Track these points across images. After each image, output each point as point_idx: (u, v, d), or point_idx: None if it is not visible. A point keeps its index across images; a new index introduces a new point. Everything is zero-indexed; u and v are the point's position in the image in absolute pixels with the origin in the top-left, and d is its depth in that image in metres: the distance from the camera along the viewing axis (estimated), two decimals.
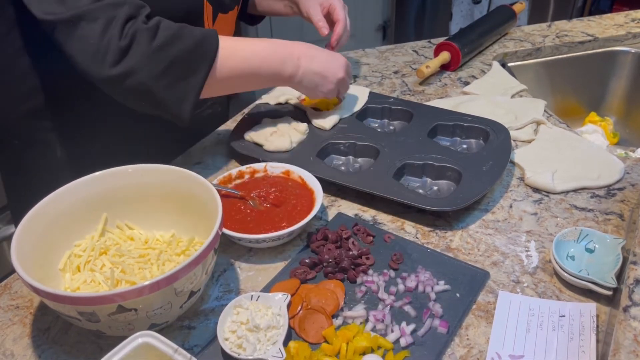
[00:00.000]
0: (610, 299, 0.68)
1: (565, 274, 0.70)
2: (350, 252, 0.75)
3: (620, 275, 0.68)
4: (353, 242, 0.77)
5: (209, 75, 0.81)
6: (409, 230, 0.82)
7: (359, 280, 0.72)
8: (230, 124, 1.12)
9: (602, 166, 0.92)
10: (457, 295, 0.70)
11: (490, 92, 1.18)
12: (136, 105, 0.82)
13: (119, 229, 0.77)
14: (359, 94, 1.13)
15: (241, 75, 0.86)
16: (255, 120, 1.05)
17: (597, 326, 0.65)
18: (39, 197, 0.69)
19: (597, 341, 0.63)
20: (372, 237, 0.79)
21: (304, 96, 1.15)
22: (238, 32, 1.00)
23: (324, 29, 1.09)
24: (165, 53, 0.78)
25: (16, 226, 0.66)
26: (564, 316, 0.67)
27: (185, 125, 0.83)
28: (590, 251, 0.74)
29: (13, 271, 0.62)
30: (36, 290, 0.58)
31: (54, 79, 0.90)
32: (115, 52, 0.75)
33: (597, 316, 0.66)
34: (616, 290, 0.67)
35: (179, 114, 0.81)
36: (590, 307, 0.67)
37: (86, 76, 0.78)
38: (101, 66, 0.75)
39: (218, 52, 0.82)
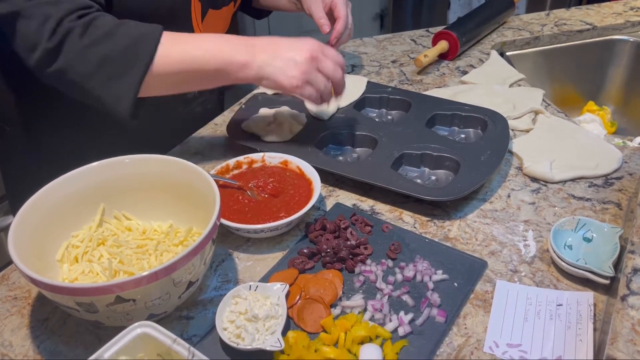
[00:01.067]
0: (607, 288, 0.69)
1: (563, 263, 0.70)
2: (349, 242, 0.75)
3: (617, 265, 0.68)
4: (351, 232, 0.77)
5: (145, 75, 0.76)
6: (407, 220, 0.82)
7: (357, 270, 0.73)
8: (227, 114, 1.12)
9: (600, 155, 0.92)
10: (455, 284, 0.70)
11: (488, 82, 1.17)
12: (82, 100, 0.81)
13: (117, 220, 0.77)
14: (357, 83, 1.12)
15: (185, 70, 0.79)
16: (253, 110, 1.04)
17: (595, 315, 0.65)
18: (34, 189, 0.69)
19: (595, 330, 0.63)
20: (370, 227, 0.79)
21: None
22: (235, 29, 0.98)
23: (325, 26, 1.08)
24: (95, 51, 0.75)
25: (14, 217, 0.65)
26: (561, 305, 0.67)
27: (132, 125, 0.80)
28: (588, 240, 0.74)
29: (11, 262, 0.62)
30: (34, 281, 0.58)
31: (9, 87, 0.90)
32: (44, 53, 0.74)
33: (595, 305, 0.67)
34: (613, 279, 0.67)
35: (118, 113, 0.78)
36: (588, 296, 0.68)
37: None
38: (36, 65, 0.76)
39: (156, 50, 0.77)
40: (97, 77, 0.76)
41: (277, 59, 0.80)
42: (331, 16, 1.10)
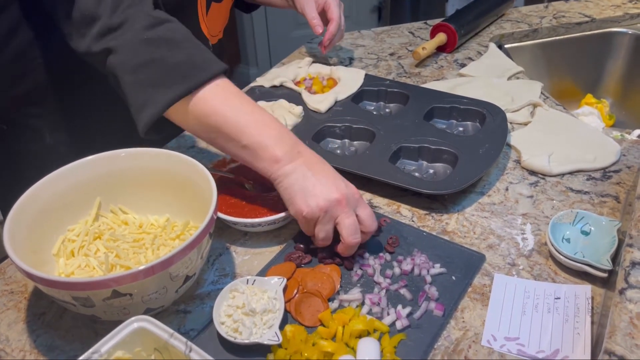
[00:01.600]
0: (605, 281, 0.69)
1: (561, 257, 0.70)
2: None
3: (615, 258, 0.68)
4: None
5: (182, 99, 0.69)
6: (404, 213, 0.82)
7: (355, 265, 0.72)
8: None
9: (598, 148, 0.92)
10: (453, 278, 0.70)
11: (486, 74, 1.17)
12: (116, 90, 0.76)
13: (113, 214, 0.77)
14: (355, 76, 1.12)
15: (220, 126, 0.70)
16: None
17: (592, 308, 0.65)
18: (27, 183, 0.69)
19: (592, 323, 0.63)
20: None
21: (299, 78, 1.14)
22: (232, 21, 0.98)
23: (318, 27, 1.07)
24: (150, 49, 0.69)
25: (4, 216, 0.65)
26: (559, 298, 0.67)
27: (141, 136, 0.73)
28: (586, 233, 0.74)
29: (7, 256, 0.62)
30: (30, 276, 0.57)
31: (44, 65, 0.89)
32: (103, 26, 0.70)
33: (592, 298, 0.67)
34: (611, 273, 0.67)
35: (136, 119, 0.72)
36: (586, 289, 0.68)
37: (70, 43, 0.74)
38: (88, 38, 0.71)
39: (206, 85, 0.70)
40: (135, 75, 0.70)
41: (308, 180, 0.70)
42: (323, 16, 1.10)
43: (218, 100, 0.70)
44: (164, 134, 0.76)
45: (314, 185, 0.69)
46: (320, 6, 1.09)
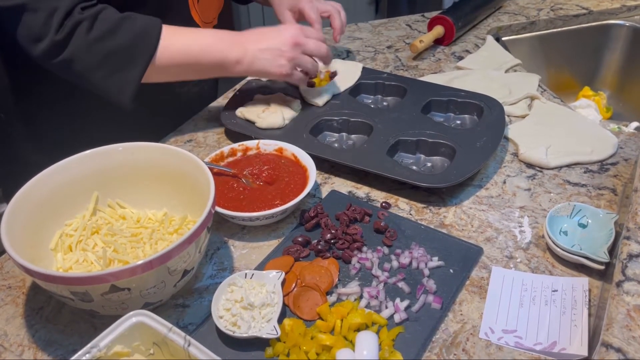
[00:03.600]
0: (602, 273, 0.69)
1: (558, 249, 0.70)
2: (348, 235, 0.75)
3: (612, 250, 0.69)
4: (355, 227, 0.76)
5: (147, 67, 0.82)
6: (402, 206, 0.82)
7: (353, 259, 0.72)
8: (221, 101, 1.11)
9: (595, 141, 0.92)
10: (451, 271, 0.70)
11: (484, 67, 1.17)
12: (85, 88, 0.84)
13: (111, 208, 0.76)
14: (352, 69, 1.11)
15: (182, 63, 0.85)
16: (247, 96, 1.03)
17: (589, 300, 0.65)
18: (27, 176, 0.68)
19: (589, 315, 0.64)
20: (369, 217, 0.79)
21: None
22: (229, 16, 0.97)
23: None
24: (101, 46, 0.79)
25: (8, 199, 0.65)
26: (556, 291, 0.67)
27: (129, 108, 0.85)
28: (583, 226, 0.75)
29: (4, 251, 0.62)
30: (28, 271, 0.57)
31: (19, 60, 0.88)
32: (51, 45, 0.77)
33: (589, 290, 0.67)
34: (608, 265, 0.67)
35: (120, 102, 0.84)
36: (583, 281, 0.68)
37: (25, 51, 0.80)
38: (42, 55, 0.79)
39: (158, 45, 0.82)
40: (101, 70, 0.81)
41: (265, 51, 0.88)
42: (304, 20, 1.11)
43: (170, 49, 0.84)
44: (173, 116, 0.97)
45: (271, 52, 0.88)
46: (296, 13, 1.10)
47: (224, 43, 0.87)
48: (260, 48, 0.88)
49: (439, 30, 1.26)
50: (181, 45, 0.85)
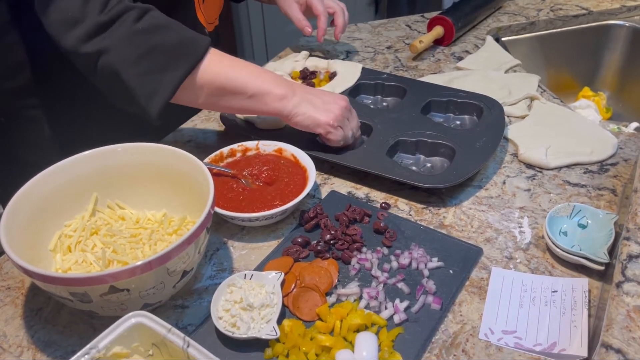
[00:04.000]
0: (602, 274, 0.69)
1: (558, 250, 0.70)
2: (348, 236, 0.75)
3: (612, 251, 0.68)
4: (355, 228, 0.76)
5: (188, 75, 0.75)
6: (402, 207, 0.82)
7: (352, 260, 0.72)
8: None
9: (595, 141, 0.92)
10: (451, 271, 0.70)
11: (484, 67, 1.17)
12: (106, 89, 0.79)
13: (110, 209, 0.76)
14: (352, 70, 1.11)
15: (224, 85, 0.78)
16: None
17: (589, 301, 0.65)
18: (26, 177, 0.68)
19: (589, 316, 0.64)
20: (369, 217, 0.79)
21: (297, 69, 1.14)
22: (228, 15, 0.97)
23: (308, 28, 1.10)
24: (146, 38, 0.73)
25: (3, 206, 0.65)
26: (556, 291, 0.67)
27: (153, 122, 0.77)
28: (583, 227, 0.74)
29: (3, 252, 0.62)
30: (27, 272, 0.57)
31: (41, 55, 0.88)
32: (91, 26, 0.71)
33: (589, 291, 0.67)
34: (608, 266, 0.67)
35: (147, 108, 0.75)
36: (582, 282, 0.68)
37: (61, 50, 0.74)
38: (75, 39, 0.72)
39: (206, 55, 0.76)
40: (140, 66, 0.73)
41: (315, 100, 0.83)
42: (311, 13, 1.10)
43: (216, 66, 0.77)
44: (172, 117, 0.83)
45: (322, 103, 0.83)
46: (303, 6, 1.09)
47: (272, 77, 0.81)
48: (311, 96, 0.83)
49: (438, 30, 1.26)
50: (228, 66, 0.78)
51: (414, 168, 0.89)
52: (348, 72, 1.10)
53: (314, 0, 1.08)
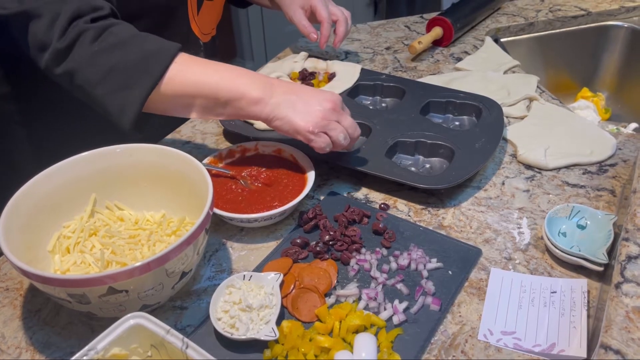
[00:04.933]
0: (601, 275, 0.69)
1: (557, 251, 0.70)
2: (347, 237, 0.75)
3: (611, 252, 0.69)
4: (354, 229, 0.76)
5: (154, 89, 0.73)
6: (401, 208, 0.82)
7: (351, 261, 0.72)
8: None
9: (594, 142, 0.92)
10: (450, 272, 0.70)
11: (482, 68, 1.17)
12: (88, 104, 0.78)
13: (109, 210, 0.76)
14: (351, 70, 1.11)
15: (194, 94, 0.74)
16: None
17: (588, 302, 0.65)
18: (24, 178, 0.68)
19: (588, 317, 0.64)
20: (368, 218, 0.79)
21: (296, 70, 1.14)
22: (228, 19, 0.97)
23: (313, 34, 1.09)
24: (105, 59, 0.72)
25: (0, 208, 0.65)
26: (555, 292, 0.67)
27: (133, 135, 0.76)
28: (582, 227, 0.74)
29: (1, 253, 0.61)
30: (25, 273, 0.57)
31: (21, 65, 0.88)
32: (54, 52, 0.72)
33: (588, 292, 0.67)
34: (607, 266, 0.67)
35: (120, 123, 0.74)
36: (582, 283, 0.68)
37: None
38: (45, 63, 0.74)
39: (168, 68, 0.73)
40: (103, 86, 0.73)
41: (297, 102, 0.76)
42: (315, 19, 1.10)
43: (184, 75, 0.74)
44: (145, 131, 0.78)
45: (304, 104, 0.76)
46: (307, 11, 1.09)
47: (248, 79, 0.76)
48: (292, 96, 0.76)
49: (437, 31, 1.26)
50: (198, 73, 0.75)
51: (412, 169, 0.89)
52: (347, 73, 1.10)
53: (318, 6, 1.07)
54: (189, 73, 0.74)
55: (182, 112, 0.78)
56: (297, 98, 0.77)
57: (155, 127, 0.99)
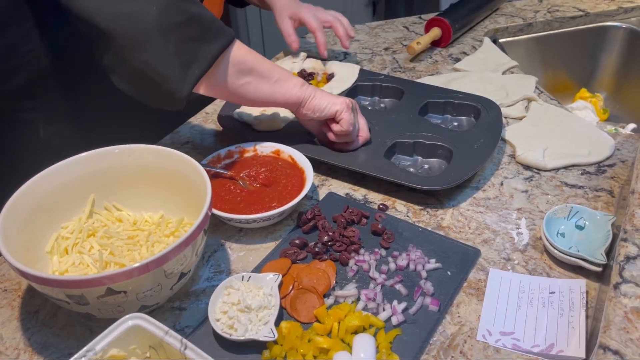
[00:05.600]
0: (599, 275, 0.69)
1: (556, 251, 0.70)
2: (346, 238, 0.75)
3: (609, 252, 0.69)
4: (352, 230, 0.76)
5: (225, 50, 0.75)
6: (400, 209, 0.82)
7: (350, 261, 0.72)
8: (218, 103, 1.11)
9: (592, 143, 0.92)
10: (448, 273, 0.70)
11: (481, 69, 1.17)
12: (128, 73, 0.74)
13: (107, 211, 0.76)
14: (349, 71, 1.11)
15: (255, 67, 0.79)
16: None
17: (587, 302, 0.65)
18: (21, 179, 0.68)
19: (587, 317, 0.64)
20: (366, 219, 0.79)
21: (295, 71, 1.14)
22: (226, 18, 0.97)
23: (294, 44, 1.13)
24: (185, 8, 0.71)
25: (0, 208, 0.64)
26: (554, 293, 0.67)
27: (179, 106, 0.75)
28: (581, 228, 0.74)
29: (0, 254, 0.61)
30: (23, 274, 0.57)
31: (37, 58, 0.88)
32: None
33: (587, 292, 0.67)
34: (605, 267, 0.67)
35: (179, 82, 0.71)
36: (580, 283, 0.68)
37: (88, 27, 0.70)
38: (107, 7, 0.68)
39: (234, 40, 0.77)
40: (178, 32, 0.71)
41: (324, 96, 0.85)
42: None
43: (245, 49, 0.79)
44: (171, 115, 0.82)
45: (330, 98, 0.86)
46: (296, 22, 1.10)
47: (287, 72, 0.85)
48: (320, 92, 0.86)
49: (436, 32, 1.26)
50: (253, 53, 0.81)
51: (411, 169, 0.89)
52: (346, 74, 1.10)
53: (306, 17, 1.09)
54: (247, 50, 0.80)
55: (231, 83, 0.79)
56: (324, 94, 0.86)
57: (154, 127, 0.99)
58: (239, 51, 0.78)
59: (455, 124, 0.99)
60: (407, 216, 0.81)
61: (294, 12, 1.11)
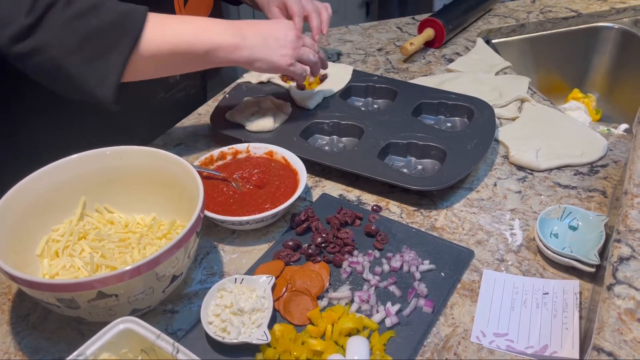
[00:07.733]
0: (593, 275, 0.69)
1: (549, 252, 0.70)
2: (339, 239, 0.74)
3: (603, 253, 0.69)
4: (346, 231, 0.76)
5: (132, 53, 0.72)
6: (393, 209, 0.82)
7: (344, 263, 0.72)
8: (211, 104, 1.10)
9: (585, 143, 0.93)
10: (442, 274, 0.70)
11: (474, 69, 1.17)
12: (51, 85, 0.75)
13: (98, 213, 0.75)
14: (343, 72, 1.11)
15: (173, 51, 0.76)
16: (237, 99, 1.03)
17: (580, 303, 0.65)
18: (12, 181, 0.67)
19: (580, 318, 0.64)
20: (360, 220, 0.79)
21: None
22: (218, 15, 0.96)
23: None
24: (81, 24, 0.69)
25: None
26: (547, 293, 0.67)
27: (112, 109, 0.75)
28: (574, 229, 0.75)
29: None
30: (12, 277, 0.56)
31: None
32: (19, 27, 0.68)
33: (580, 293, 0.67)
34: (599, 267, 0.67)
35: (99, 95, 0.73)
36: (574, 284, 0.68)
37: None
38: (10, 42, 0.69)
39: (144, 27, 0.73)
40: (80, 54, 0.70)
41: (268, 40, 0.82)
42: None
43: (159, 34, 0.75)
44: (123, 102, 0.76)
45: (275, 40, 0.83)
46: (283, 10, 1.09)
47: (218, 27, 0.79)
48: (261, 35, 0.82)
49: (429, 32, 1.26)
50: (171, 30, 0.76)
51: (405, 170, 0.88)
52: (339, 74, 1.10)
53: (289, 2, 1.06)
54: (165, 29, 0.75)
55: (160, 72, 0.80)
56: (267, 35, 0.82)
57: (146, 126, 0.98)
58: (152, 41, 0.74)
59: (449, 124, 0.99)
60: (401, 217, 0.80)
61: (280, 1, 1.08)
